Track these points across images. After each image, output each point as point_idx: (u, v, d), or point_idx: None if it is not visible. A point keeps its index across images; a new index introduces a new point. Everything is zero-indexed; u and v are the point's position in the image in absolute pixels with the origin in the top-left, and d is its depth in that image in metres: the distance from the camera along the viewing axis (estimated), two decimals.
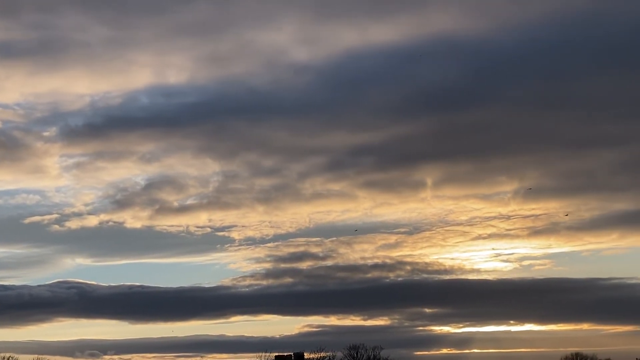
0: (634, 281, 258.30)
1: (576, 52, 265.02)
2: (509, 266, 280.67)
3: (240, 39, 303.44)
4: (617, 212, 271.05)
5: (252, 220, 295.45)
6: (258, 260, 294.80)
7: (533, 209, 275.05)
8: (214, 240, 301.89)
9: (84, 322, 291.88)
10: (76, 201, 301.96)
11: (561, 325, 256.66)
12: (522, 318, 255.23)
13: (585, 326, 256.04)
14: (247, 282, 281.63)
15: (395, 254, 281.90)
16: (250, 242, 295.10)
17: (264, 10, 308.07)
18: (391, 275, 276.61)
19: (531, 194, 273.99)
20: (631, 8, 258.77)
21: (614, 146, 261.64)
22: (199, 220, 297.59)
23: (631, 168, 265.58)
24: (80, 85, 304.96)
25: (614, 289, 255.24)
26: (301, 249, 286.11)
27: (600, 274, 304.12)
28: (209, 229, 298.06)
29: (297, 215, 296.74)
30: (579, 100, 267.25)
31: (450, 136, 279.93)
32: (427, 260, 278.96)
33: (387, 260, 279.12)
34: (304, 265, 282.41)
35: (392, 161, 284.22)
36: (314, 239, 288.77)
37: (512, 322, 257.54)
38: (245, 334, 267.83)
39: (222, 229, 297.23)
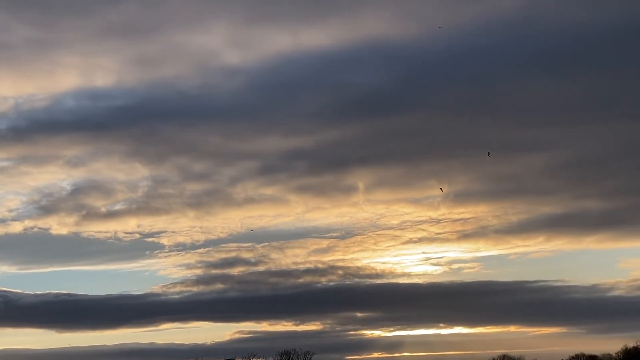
0: (559, 283, 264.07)
1: (504, 58, 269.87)
2: (438, 270, 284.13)
3: (170, 41, 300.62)
4: (543, 215, 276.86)
5: (182, 225, 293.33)
6: (188, 266, 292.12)
7: (462, 212, 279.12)
8: (143, 246, 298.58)
9: (9, 331, 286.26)
10: None
11: (489, 327, 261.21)
12: (451, 321, 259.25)
13: (512, 328, 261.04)
14: (178, 288, 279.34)
15: (327, 258, 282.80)
16: (181, 248, 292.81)
17: (194, 12, 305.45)
18: (323, 280, 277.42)
19: (459, 198, 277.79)
20: (558, 15, 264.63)
21: (541, 151, 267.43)
22: (128, 226, 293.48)
23: (557, 172, 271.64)
24: (4, 88, 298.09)
25: (541, 291, 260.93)
26: (233, 254, 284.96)
27: (527, 277, 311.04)
28: (137, 235, 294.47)
29: (228, 220, 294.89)
30: (507, 106, 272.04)
31: (381, 141, 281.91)
32: (358, 264, 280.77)
33: (319, 265, 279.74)
34: (236, 270, 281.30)
35: (324, 165, 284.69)
36: (246, 244, 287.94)
37: (441, 325, 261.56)
38: (176, 342, 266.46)
39: (152, 234, 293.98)
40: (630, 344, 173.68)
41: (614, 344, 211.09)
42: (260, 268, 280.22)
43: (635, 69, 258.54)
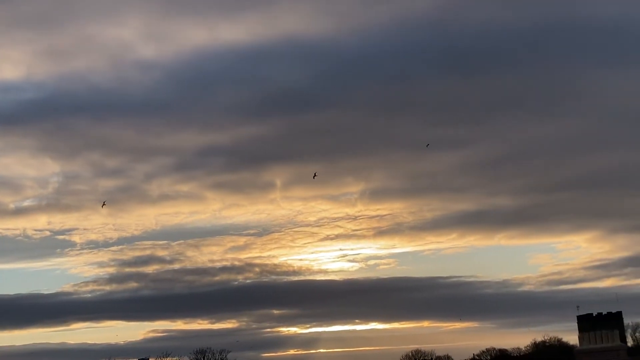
0: (472, 279, 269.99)
1: (420, 57, 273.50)
2: (355, 266, 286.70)
3: (82, 32, 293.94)
4: (457, 212, 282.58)
5: (94, 223, 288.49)
6: (101, 264, 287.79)
7: (379, 209, 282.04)
8: (53, 244, 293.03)
9: None
10: None
11: (404, 323, 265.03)
12: (367, 317, 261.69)
13: (426, 324, 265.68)
14: (90, 287, 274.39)
15: (244, 256, 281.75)
16: (93, 245, 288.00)
17: (108, 4, 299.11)
18: (240, 277, 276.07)
19: (376, 195, 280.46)
20: (471, 17, 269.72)
21: (455, 149, 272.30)
22: (38, 223, 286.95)
23: (470, 170, 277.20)
24: None
25: (453, 287, 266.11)
26: (147, 252, 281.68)
27: (441, 273, 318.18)
28: (48, 233, 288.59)
29: (143, 217, 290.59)
30: (423, 104, 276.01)
31: (299, 137, 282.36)
32: (275, 261, 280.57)
33: (236, 263, 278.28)
34: (150, 269, 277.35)
35: (241, 162, 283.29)
36: (161, 242, 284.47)
37: (357, 321, 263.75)
38: (88, 341, 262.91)
39: (63, 232, 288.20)
40: (539, 338, 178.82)
41: (524, 338, 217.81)
42: (176, 266, 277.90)
43: (545, 69, 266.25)
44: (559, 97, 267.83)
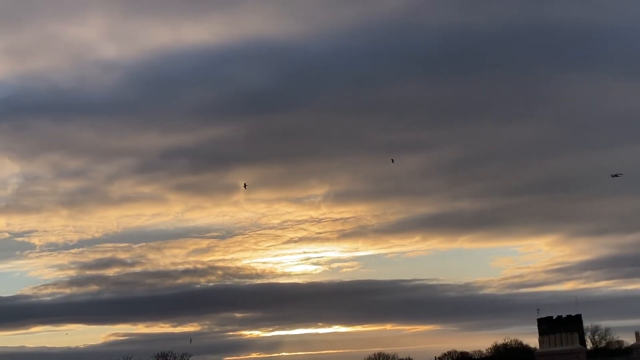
0: (434, 282, 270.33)
1: (386, 59, 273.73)
2: (318, 269, 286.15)
3: (43, 31, 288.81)
4: (420, 215, 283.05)
5: (55, 224, 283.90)
6: (61, 267, 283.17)
7: (342, 212, 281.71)
8: (12, 246, 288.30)
9: None
10: None
11: (367, 326, 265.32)
12: (330, 320, 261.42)
13: (388, 326, 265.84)
14: (49, 290, 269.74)
15: (207, 258, 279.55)
16: (53, 248, 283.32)
17: (69, 2, 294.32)
18: (202, 280, 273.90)
19: (340, 197, 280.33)
20: (436, 19, 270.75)
21: (419, 152, 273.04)
22: None
23: (434, 173, 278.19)
24: None
25: (416, 290, 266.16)
26: (108, 254, 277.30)
27: (404, 276, 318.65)
28: (7, 234, 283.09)
29: (104, 219, 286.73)
30: (387, 106, 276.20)
31: (263, 139, 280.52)
32: (239, 264, 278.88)
33: (199, 266, 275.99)
34: (111, 272, 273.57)
35: (204, 164, 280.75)
36: (122, 245, 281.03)
37: (320, 324, 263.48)
38: (48, 345, 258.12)
39: (22, 234, 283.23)
40: (500, 341, 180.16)
41: (485, 341, 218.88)
42: (137, 269, 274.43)
43: (508, 73, 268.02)
44: (522, 102, 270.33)
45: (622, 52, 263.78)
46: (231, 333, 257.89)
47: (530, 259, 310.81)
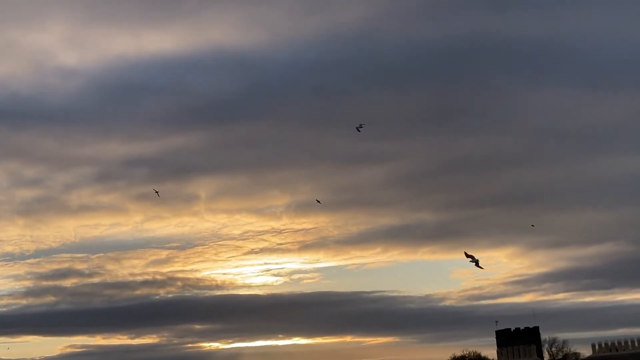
0: (395, 294, 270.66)
1: (347, 70, 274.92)
2: (279, 280, 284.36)
3: (2, 38, 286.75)
4: (382, 227, 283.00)
5: (11, 234, 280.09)
6: (17, 277, 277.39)
7: (304, 223, 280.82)
8: None
9: None
10: None
11: (327, 337, 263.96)
12: (290, 332, 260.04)
13: (348, 338, 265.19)
14: (5, 301, 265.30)
15: (166, 269, 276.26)
16: (9, 258, 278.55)
17: (29, 8, 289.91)
18: (161, 291, 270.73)
19: (302, 208, 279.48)
20: (401, 31, 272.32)
21: (381, 163, 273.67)
22: None
23: (395, 184, 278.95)
24: None
25: (377, 301, 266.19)
26: (65, 265, 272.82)
27: (365, 287, 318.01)
28: None
29: (61, 229, 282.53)
30: (349, 118, 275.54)
31: (224, 149, 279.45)
32: (198, 275, 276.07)
33: (158, 277, 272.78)
34: (68, 282, 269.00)
35: (165, 173, 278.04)
36: (80, 255, 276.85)
37: (280, 336, 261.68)
38: (3, 357, 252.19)
39: None
40: (458, 353, 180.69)
41: (444, 352, 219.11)
42: (95, 280, 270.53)
43: (470, 86, 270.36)
44: (483, 114, 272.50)
45: (582, 67, 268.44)
46: (190, 345, 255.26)
47: (489, 271, 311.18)
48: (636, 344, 75.61)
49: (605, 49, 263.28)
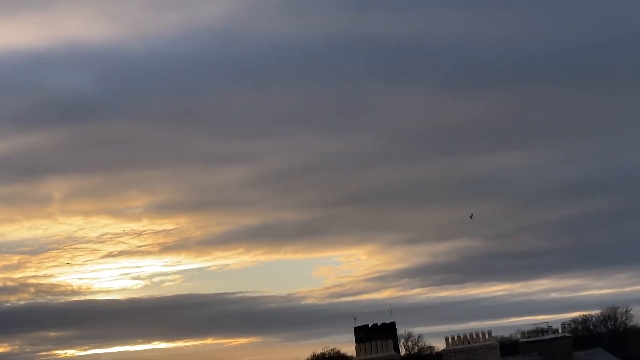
0: (257, 294, 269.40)
1: (209, 67, 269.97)
2: (139, 284, 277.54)
3: None
4: (244, 227, 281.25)
5: None
6: None
7: (165, 224, 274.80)
8: None
9: None
10: None
11: (188, 340, 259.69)
12: (150, 336, 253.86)
13: (209, 340, 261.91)
14: None
15: (18, 275, 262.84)
16: None
17: None
18: (12, 298, 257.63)
19: (162, 209, 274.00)
20: (264, 28, 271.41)
21: (243, 162, 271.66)
22: None
23: (257, 184, 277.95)
24: None
25: (239, 302, 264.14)
26: None
27: (227, 289, 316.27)
28: None
29: None
30: (211, 117, 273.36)
31: (80, 148, 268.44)
32: (53, 280, 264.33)
33: (9, 283, 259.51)
34: None
35: (15, 174, 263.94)
36: None
37: (139, 341, 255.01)
38: None
39: None
40: (319, 350, 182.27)
41: (304, 351, 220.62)
42: None
43: (331, 85, 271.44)
44: (344, 113, 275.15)
45: (442, 67, 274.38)
46: (44, 353, 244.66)
47: (349, 268, 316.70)
48: (487, 336, 78.28)
49: (461, 49, 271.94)
